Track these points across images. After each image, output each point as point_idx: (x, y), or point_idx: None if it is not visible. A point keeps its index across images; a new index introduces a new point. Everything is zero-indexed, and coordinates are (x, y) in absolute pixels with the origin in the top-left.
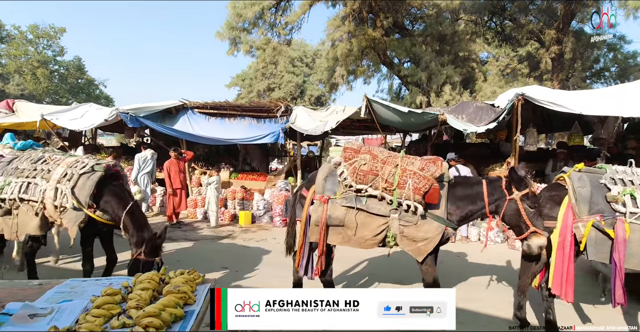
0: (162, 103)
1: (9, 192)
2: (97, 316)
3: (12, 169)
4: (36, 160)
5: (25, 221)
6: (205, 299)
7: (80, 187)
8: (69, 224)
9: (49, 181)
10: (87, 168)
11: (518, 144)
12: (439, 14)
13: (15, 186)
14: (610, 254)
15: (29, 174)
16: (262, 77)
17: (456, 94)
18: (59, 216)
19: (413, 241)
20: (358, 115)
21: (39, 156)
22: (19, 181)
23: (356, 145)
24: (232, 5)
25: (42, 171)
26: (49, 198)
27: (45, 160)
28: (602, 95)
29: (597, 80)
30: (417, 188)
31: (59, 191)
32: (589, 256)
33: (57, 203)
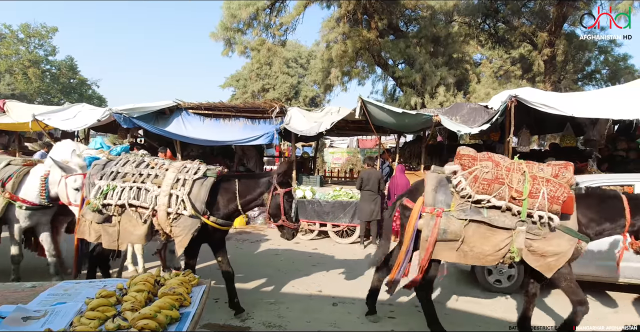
0: (156, 103)
1: (115, 197)
2: (91, 318)
3: (113, 173)
4: (138, 163)
5: (128, 229)
6: (200, 301)
7: (196, 193)
8: (182, 233)
9: (161, 186)
10: (200, 174)
11: (511, 146)
12: (433, 15)
13: (122, 191)
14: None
15: (136, 178)
16: (257, 77)
17: (450, 95)
18: (170, 224)
19: (542, 256)
20: (353, 117)
21: (140, 159)
22: (125, 185)
23: (472, 152)
24: (227, 5)
25: (150, 176)
26: (162, 205)
27: (149, 164)
28: (593, 98)
29: (588, 82)
30: (553, 197)
31: (173, 197)
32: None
33: (171, 210)
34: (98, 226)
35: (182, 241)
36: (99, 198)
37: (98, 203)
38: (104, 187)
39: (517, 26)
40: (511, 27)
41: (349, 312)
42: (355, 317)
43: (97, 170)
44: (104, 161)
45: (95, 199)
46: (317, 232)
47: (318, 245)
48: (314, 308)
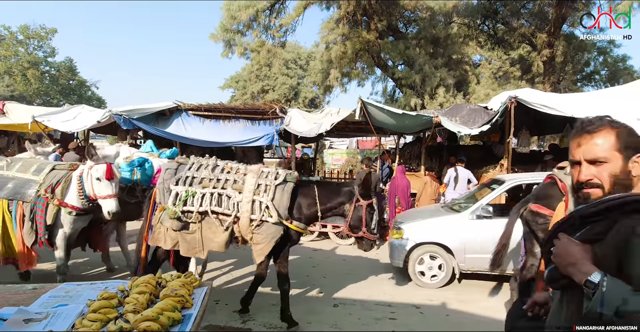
0: (156, 105)
1: (196, 204)
2: (93, 321)
3: (189, 178)
4: (212, 168)
5: (208, 236)
6: (202, 303)
7: (279, 199)
8: (265, 240)
9: (242, 192)
10: (280, 179)
11: (511, 146)
12: (433, 17)
13: (203, 197)
14: None
15: (215, 184)
16: (256, 79)
17: (450, 96)
18: (252, 231)
19: None
20: (352, 118)
21: (213, 163)
22: (205, 191)
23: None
24: (226, 7)
25: (228, 181)
26: (245, 211)
27: (224, 168)
28: (593, 98)
29: (587, 83)
30: None
31: (256, 204)
32: None
33: (255, 217)
34: (175, 233)
35: (263, 248)
36: (179, 205)
37: (177, 210)
38: (182, 193)
39: (516, 27)
40: (510, 28)
41: (350, 313)
42: (356, 318)
43: (170, 175)
44: (175, 165)
45: (174, 206)
46: (317, 234)
47: (319, 246)
48: (315, 309)
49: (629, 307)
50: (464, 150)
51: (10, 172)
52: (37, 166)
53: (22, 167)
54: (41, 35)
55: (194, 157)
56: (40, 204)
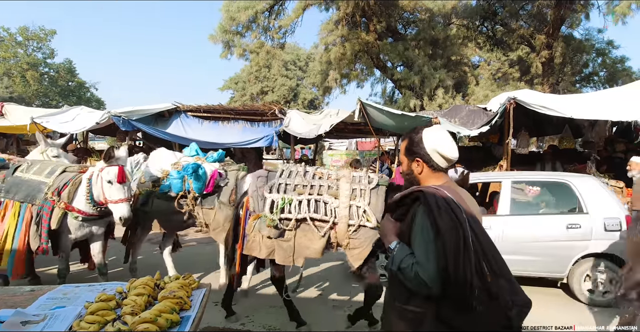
0: (155, 106)
1: (293, 211)
2: (91, 322)
3: (282, 186)
4: (303, 174)
5: (304, 243)
6: (201, 304)
7: (374, 203)
8: (362, 245)
9: (338, 197)
10: (374, 183)
11: (510, 147)
12: (432, 18)
13: (300, 204)
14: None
15: (310, 190)
16: (256, 80)
17: (449, 97)
18: (349, 237)
19: None
20: (352, 119)
21: (303, 170)
22: (301, 198)
23: None
24: (226, 8)
25: (322, 187)
26: (343, 217)
27: (315, 174)
28: (591, 100)
29: (586, 84)
30: None
31: (353, 209)
32: None
33: (353, 222)
34: (271, 241)
35: (360, 253)
36: (276, 212)
37: (275, 218)
38: (278, 201)
39: (515, 29)
40: (509, 30)
41: (349, 315)
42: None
43: (263, 182)
44: (265, 173)
45: (271, 214)
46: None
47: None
48: (315, 311)
49: (402, 265)
50: (463, 152)
51: (27, 175)
52: (51, 168)
53: (39, 169)
54: (40, 36)
55: (282, 164)
56: (46, 207)
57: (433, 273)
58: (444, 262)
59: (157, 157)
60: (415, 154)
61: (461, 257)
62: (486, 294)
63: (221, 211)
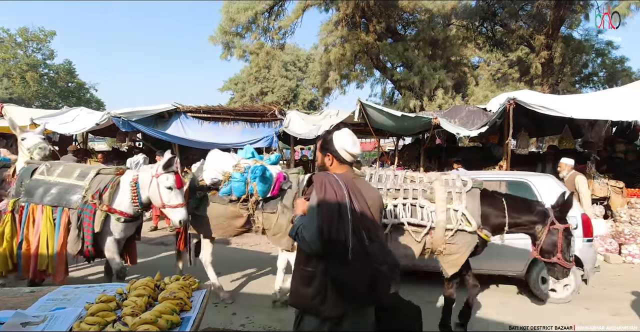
0: (155, 107)
1: (389, 216)
2: (91, 324)
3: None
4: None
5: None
6: (201, 305)
7: (471, 207)
8: (460, 250)
9: (434, 201)
10: (469, 186)
11: (510, 148)
12: (431, 19)
13: (395, 209)
14: None
15: (405, 194)
16: (255, 81)
17: (449, 98)
18: (445, 242)
19: None
20: (352, 120)
21: (392, 174)
22: (396, 203)
23: None
24: (225, 9)
25: (415, 191)
26: (441, 221)
27: (406, 178)
28: (591, 100)
29: (586, 84)
30: None
31: (451, 212)
32: None
33: (451, 227)
34: None
35: (458, 259)
36: None
37: None
38: None
39: (515, 29)
40: (509, 30)
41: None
42: None
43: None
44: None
45: None
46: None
47: None
48: None
49: (298, 231)
50: (463, 152)
51: (51, 177)
52: (81, 171)
53: (64, 172)
54: (40, 37)
55: (370, 168)
56: (87, 211)
57: (313, 233)
58: (321, 225)
59: (214, 158)
60: (327, 150)
61: (335, 222)
62: (363, 253)
63: (284, 215)
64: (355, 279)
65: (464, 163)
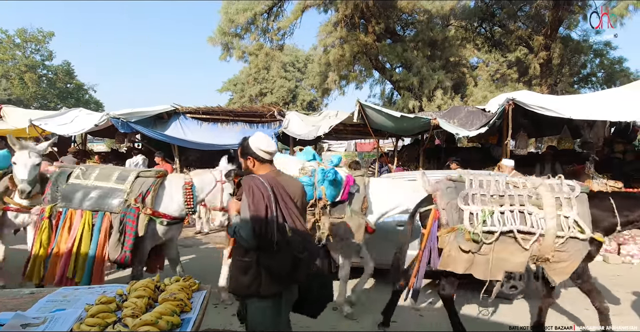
0: (154, 108)
1: (497, 223)
2: (91, 325)
3: (477, 196)
4: (497, 183)
5: (504, 257)
6: (201, 306)
7: (582, 212)
8: (572, 257)
9: (542, 207)
10: (577, 191)
11: (509, 148)
12: (430, 19)
13: (503, 216)
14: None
15: (510, 200)
16: (254, 82)
17: (448, 98)
18: (555, 249)
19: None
20: (351, 120)
21: (494, 179)
22: (503, 209)
23: None
24: (224, 10)
25: (521, 197)
26: (551, 228)
27: (508, 183)
28: (590, 100)
29: (584, 85)
30: None
31: (561, 219)
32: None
33: (562, 234)
34: (468, 255)
35: (567, 267)
36: (478, 225)
37: (478, 231)
38: (478, 213)
39: (513, 30)
40: (507, 31)
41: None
42: (355, 322)
43: (453, 192)
44: (452, 183)
45: (472, 227)
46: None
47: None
48: None
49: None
50: (462, 152)
51: (89, 181)
52: (119, 174)
53: (101, 175)
54: (38, 38)
55: (466, 172)
56: (131, 215)
57: (248, 231)
58: (253, 225)
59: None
60: (247, 154)
61: (264, 222)
62: (285, 243)
63: (352, 220)
64: (280, 265)
65: (463, 163)
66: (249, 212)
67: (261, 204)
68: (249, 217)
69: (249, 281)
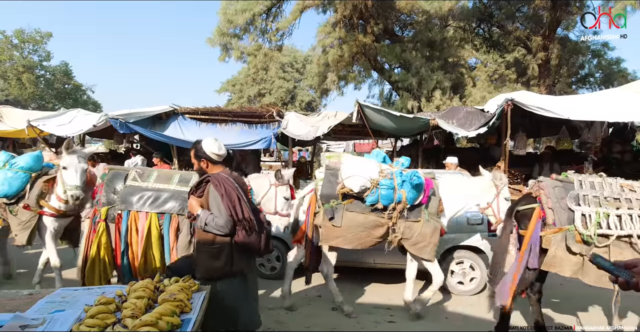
0: (152, 109)
1: (613, 226)
2: (91, 326)
3: (587, 197)
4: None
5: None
6: (201, 307)
7: None
8: None
9: None
10: None
11: (508, 149)
12: (428, 20)
13: (621, 220)
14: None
15: (628, 204)
16: (253, 82)
17: (446, 99)
18: None
19: None
20: (350, 121)
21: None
22: (620, 212)
23: None
24: (223, 11)
25: (638, 200)
26: None
27: (622, 185)
28: (588, 101)
29: (582, 85)
30: None
31: None
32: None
33: None
34: (577, 258)
35: None
36: (592, 227)
37: (592, 233)
38: (592, 215)
39: (512, 30)
40: (505, 32)
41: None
42: (355, 322)
43: (562, 193)
44: (559, 183)
45: (584, 229)
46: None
47: None
48: (313, 313)
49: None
50: (461, 153)
51: (148, 184)
52: (180, 176)
53: (160, 177)
54: (36, 39)
55: (575, 174)
56: None
57: (225, 219)
58: (230, 212)
59: (355, 165)
60: (200, 156)
61: (239, 207)
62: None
63: (429, 223)
64: (257, 241)
65: (460, 164)
66: (224, 203)
67: (233, 194)
68: (224, 207)
69: (222, 264)
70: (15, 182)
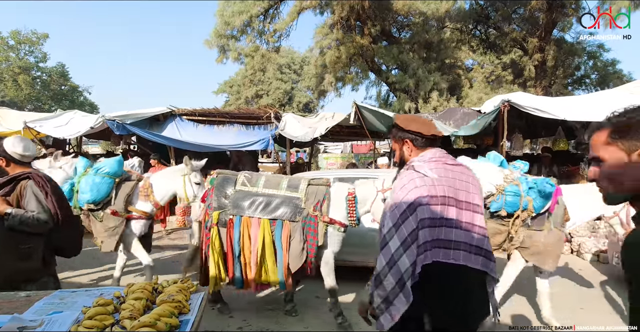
0: (150, 110)
1: None
2: (89, 327)
3: None
4: None
5: None
6: (199, 308)
7: None
8: None
9: None
10: None
11: (504, 150)
12: (425, 22)
13: None
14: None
15: None
16: (250, 83)
17: (443, 100)
18: None
19: None
20: (347, 122)
21: None
22: None
23: None
24: (220, 13)
25: None
26: None
27: None
28: (584, 102)
29: (578, 87)
30: None
31: None
32: None
33: None
34: None
35: None
36: None
37: None
38: None
39: (508, 32)
40: (502, 33)
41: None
42: (354, 323)
43: None
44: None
45: None
46: None
47: None
48: (312, 314)
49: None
50: (458, 154)
51: (257, 189)
52: (289, 181)
53: (269, 183)
54: (32, 40)
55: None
56: (312, 223)
57: (48, 215)
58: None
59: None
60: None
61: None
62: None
63: (553, 232)
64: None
65: None
66: (46, 199)
67: (57, 192)
68: (45, 205)
69: (36, 265)
70: (103, 188)
